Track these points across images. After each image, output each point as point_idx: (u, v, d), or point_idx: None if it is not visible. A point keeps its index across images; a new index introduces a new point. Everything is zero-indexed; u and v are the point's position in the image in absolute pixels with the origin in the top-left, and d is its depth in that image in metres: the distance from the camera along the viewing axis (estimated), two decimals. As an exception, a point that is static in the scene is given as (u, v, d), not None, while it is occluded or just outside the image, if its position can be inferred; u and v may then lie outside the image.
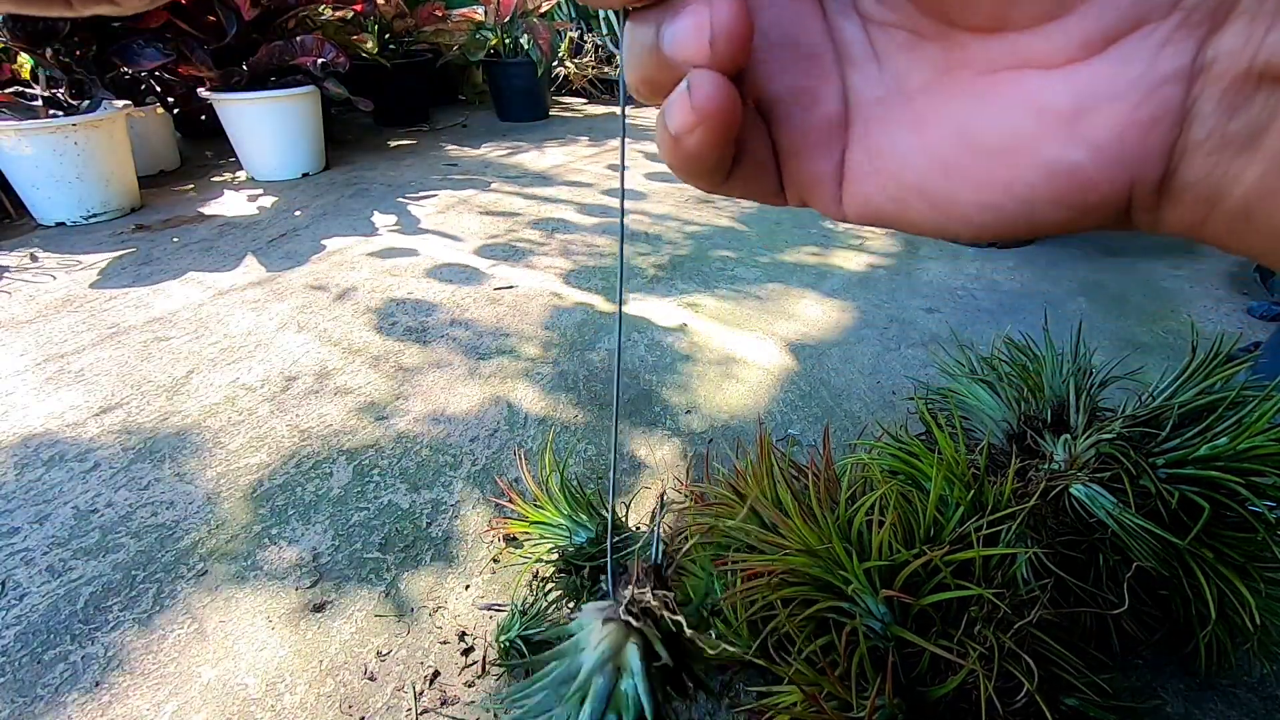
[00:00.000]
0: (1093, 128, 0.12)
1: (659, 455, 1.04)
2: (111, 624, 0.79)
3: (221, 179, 2.55)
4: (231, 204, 2.26)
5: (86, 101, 2.06)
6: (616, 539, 0.72)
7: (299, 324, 1.46)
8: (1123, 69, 0.11)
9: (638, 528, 0.82)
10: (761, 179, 0.17)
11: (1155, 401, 0.67)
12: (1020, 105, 0.13)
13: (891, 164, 0.15)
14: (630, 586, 0.32)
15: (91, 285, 1.67)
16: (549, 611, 0.76)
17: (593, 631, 0.32)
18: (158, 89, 2.54)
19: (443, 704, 0.69)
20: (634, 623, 0.31)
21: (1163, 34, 0.11)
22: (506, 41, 3.29)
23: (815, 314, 1.47)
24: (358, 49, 2.90)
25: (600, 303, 1.54)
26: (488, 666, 0.73)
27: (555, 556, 0.75)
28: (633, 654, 0.31)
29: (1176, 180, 0.12)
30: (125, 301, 1.58)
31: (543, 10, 3.32)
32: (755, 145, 0.16)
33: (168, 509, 0.96)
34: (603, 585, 0.72)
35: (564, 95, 4.10)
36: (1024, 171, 0.13)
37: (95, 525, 0.93)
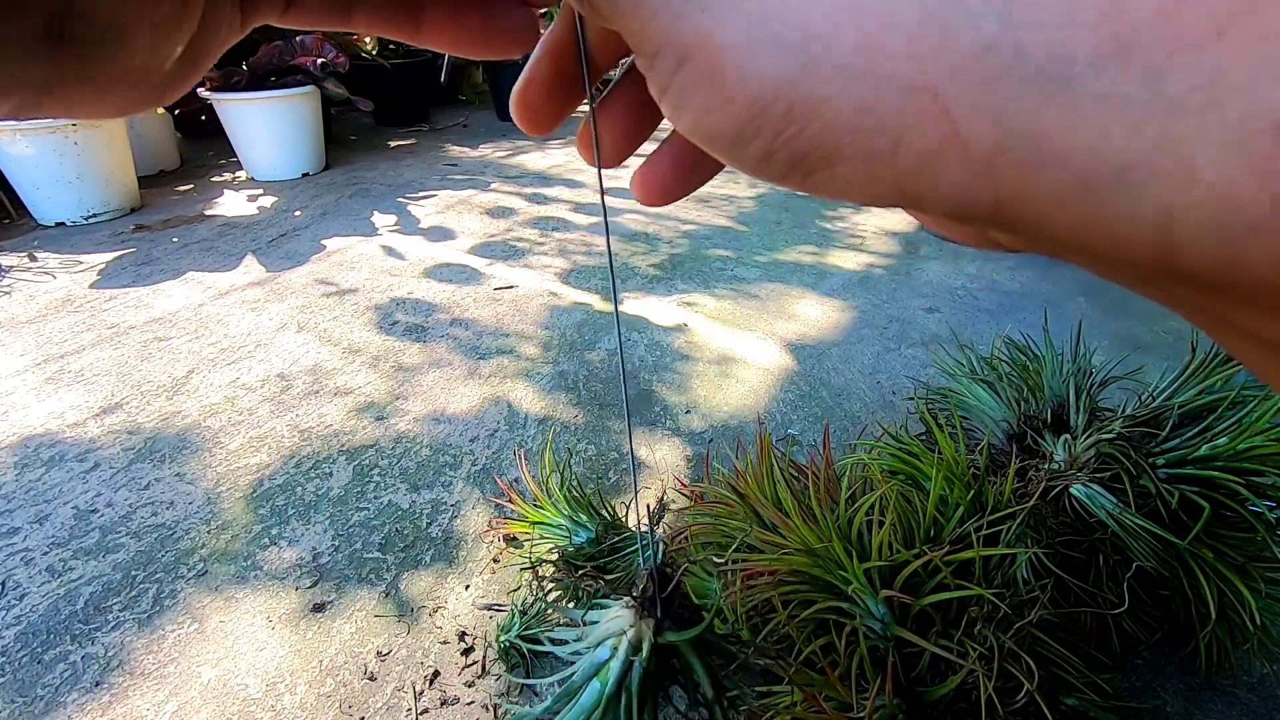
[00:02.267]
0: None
1: (659, 455, 1.04)
2: (112, 624, 0.79)
3: (221, 179, 2.55)
4: (231, 204, 2.26)
5: (86, 101, 2.05)
6: (616, 539, 0.72)
7: (299, 324, 1.46)
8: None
9: (638, 527, 0.82)
10: None
11: (1155, 401, 0.67)
12: None
13: None
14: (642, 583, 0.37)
15: (91, 285, 1.67)
16: (549, 612, 0.77)
17: (608, 614, 0.39)
18: (157, 89, 2.54)
19: (443, 704, 0.69)
20: (637, 613, 0.37)
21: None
22: (506, 41, 3.29)
23: (815, 314, 1.47)
24: (358, 49, 2.89)
25: (599, 302, 1.54)
26: (488, 666, 0.73)
27: (555, 556, 0.75)
28: (624, 641, 0.37)
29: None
30: (125, 301, 1.58)
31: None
32: None
33: (168, 509, 0.96)
34: (604, 584, 0.72)
35: (564, 95, 4.09)
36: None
37: (95, 525, 0.93)
